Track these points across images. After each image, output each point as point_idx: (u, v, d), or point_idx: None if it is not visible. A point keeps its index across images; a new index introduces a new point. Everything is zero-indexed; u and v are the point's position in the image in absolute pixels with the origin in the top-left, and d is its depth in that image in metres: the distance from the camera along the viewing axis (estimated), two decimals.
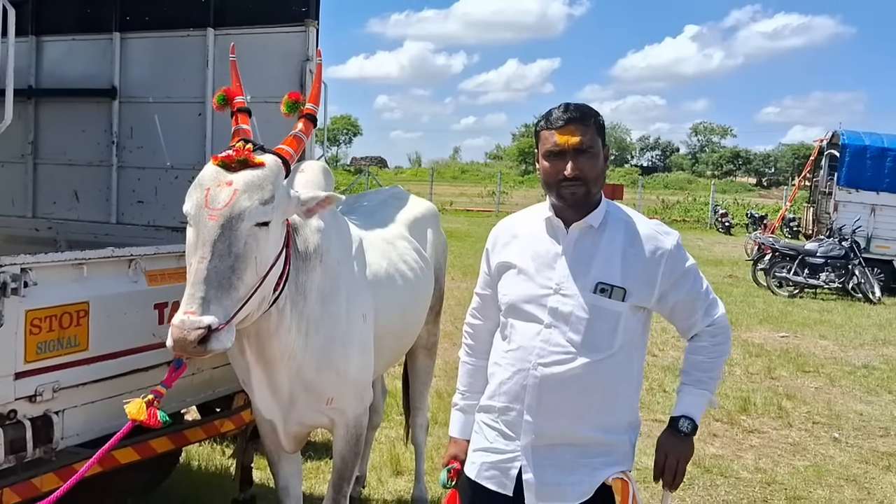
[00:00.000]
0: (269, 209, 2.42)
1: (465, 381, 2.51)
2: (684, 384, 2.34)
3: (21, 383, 2.57)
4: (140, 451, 3.02)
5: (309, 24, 4.00)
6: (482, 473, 2.32)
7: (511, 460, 2.27)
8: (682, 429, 2.27)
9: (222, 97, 2.94)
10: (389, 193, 4.22)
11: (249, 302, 2.42)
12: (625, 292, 2.19)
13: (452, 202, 32.06)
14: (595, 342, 2.19)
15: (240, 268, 2.35)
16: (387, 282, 3.37)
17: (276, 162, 2.56)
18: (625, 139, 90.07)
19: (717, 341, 2.32)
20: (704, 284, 2.32)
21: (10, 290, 2.47)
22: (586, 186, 2.20)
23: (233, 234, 2.35)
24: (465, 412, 2.49)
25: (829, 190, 15.91)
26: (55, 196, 4.95)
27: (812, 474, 5.21)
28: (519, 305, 2.27)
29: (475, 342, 2.49)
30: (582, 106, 2.24)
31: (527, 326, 2.25)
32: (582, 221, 2.24)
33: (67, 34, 4.87)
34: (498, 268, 2.36)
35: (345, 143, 75.91)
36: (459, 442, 2.48)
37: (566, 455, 2.23)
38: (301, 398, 2.96)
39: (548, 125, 2.22)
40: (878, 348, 9.40)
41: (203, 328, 2.23)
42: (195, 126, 4.43)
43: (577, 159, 2.18)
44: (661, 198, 36.38)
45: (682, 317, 2.32)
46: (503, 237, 2.40)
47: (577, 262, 2.23)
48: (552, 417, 2.21)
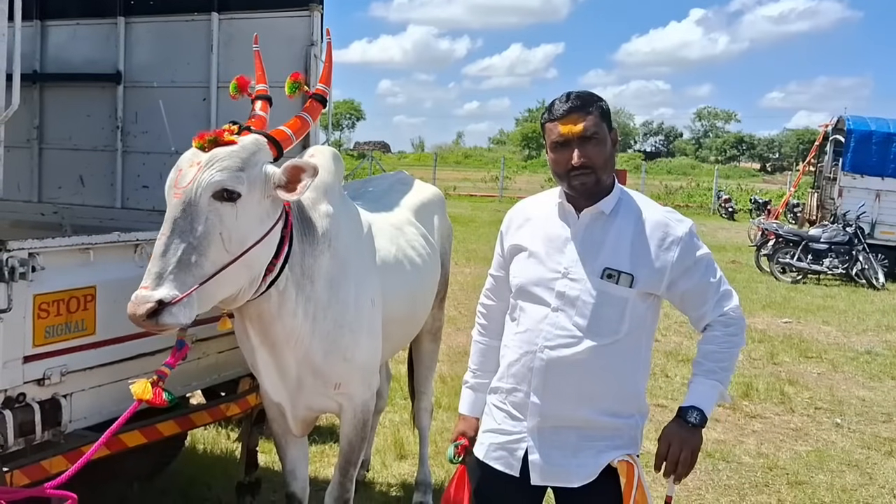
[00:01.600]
0: (229, 182, 2.39)
1: (476, 359, 2.55)
2: (696, 374, 2.31)
3: (29, 367, 2.59)
4: (147, 435, 3.04)
5: (314, 8, 3.98)
6: (490, 454, 2.35)
7: (518, 441, 2.29)
8: (691, 420, 2.22)
9: (235, 85, 2.96)
10: (395, 179, 4.23)
11: (222, 280, 2.40)
12: (632, 279, 2.20)
13: (456, 187, 31.99)
14: (601, 327, 2.20)
15: (202, 244, 2.34)
16: (395, 267, 3.37)
17: (253, 141, 2.56)
18: (628, 124, 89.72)
19: (731, 332, 2.29)
20: (717, 275, 2.31)
21: (19, 274, 2.48)
22: (595, 174, 2.21)
23: (193, 209, 2.35)
24: (475, 390, 2.53)
25: (833, 175, 15.85)
26: (60, 181, 4.95)
27: (814, 459, 5.24)
28: (528, 288, 2.29)
29: (488, 322, 2.53)
30: (584, 93, 2.25)
31: (535, 309, 2.27)
32: (593, 207, 2.26)
33: (72, 19, 4.84)
34: (510, 250, 2.38)
35: (348, 128, 75.78)
36: (468, 419, 2.52)
37: (571, 437, 2.25)
38: (309, 382, 2.97)
39: (551, 117, 2.24)
40: (882, 334, 9.42)
41: (153, 303, 2.24)
42: (200, 111, 4.42)
43: (583, 147, 2.19)
44: (664, 183, 36.25)
45: (692, 306, 2.32)
46: (517, 220, 2.42)
47: (586, 247, 2.24)
48: (558, 400, 2.23)
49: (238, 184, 2.42)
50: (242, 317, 2.78)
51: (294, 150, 3.76)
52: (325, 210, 2.93)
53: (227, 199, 2.40)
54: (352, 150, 57.38)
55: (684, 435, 2.22)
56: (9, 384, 2.53)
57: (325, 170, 3.05)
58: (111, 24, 4.69)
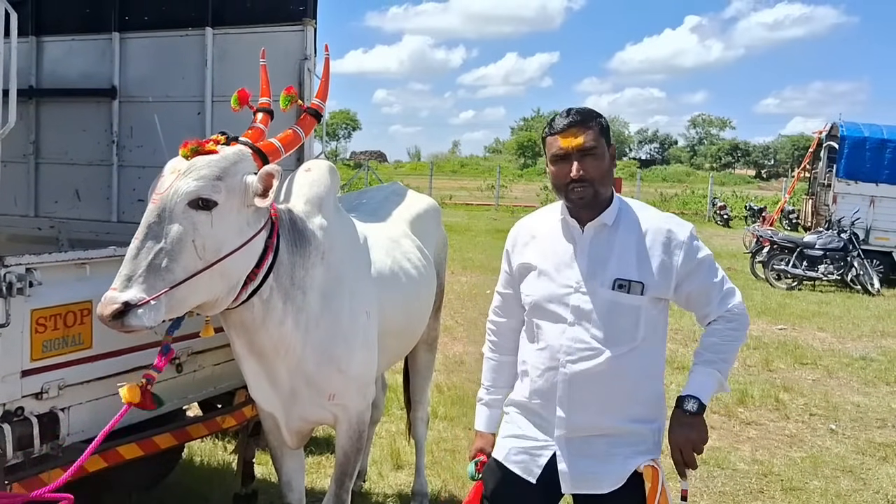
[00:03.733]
0: (204, 190, 2.43)
1: (489, 376, 2.59)
2: (695, 364, 2.38)
3: (27, 381, 2.61)
4: (144, 447, 3.06)
5: (307, 22, 4.03)
6: (510, 457, 2.40)
7: (542, 448, 2.35)
8: (688, 408, 2.28)
9: (236, 98, 3.01)
10: (390, 190, 4.26)
11: (195, 286, 2.43)
12: (643, 286, 2.27)
13: (452, 196, 32.03)
14: (618, 336, 2.28)
15: (174, 250, 2.38)
16: (391, 280, 3.39)
17: (236, 151, 2.60)
18: (623, 132, 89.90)
19: (733, 326, 2.36)
20: (720, 275, 2.37)
21: (16, 289, 2.51)
22: (593, 187, 2.27)
23: (168, 215, 2.41)
24: (489, 406, 2.57)
25: (828, 182, 15.92)
26: (57, 195, 4.97)
27: (809, 465, 5.26)
28: (543, 305, 2.35)
29: (499, 339, 2.57)
30: (583, 109, 2.33)
31: (552, 326, 2.33)
32: (596, 220, 2.32)
33: (67, 34, 4.88)
34: (519, 269, 2.44)
35: (344, 138, 75.88)
36: (485, 435, 2.57)
37: (601, 445, 2.31)
38: (303, 392, 2.99)
39: (552, 131, 2.31)
40: (877, 340, 9.44)
41: (119, 304, 2.28)
42: (195, 125, 4.44)
43: (581, 161, 2.25)
44: (659, 191, 36.31)
45: (697, 306, 2.39)
46: (522, 238, 2.47)
47: (595, 261, 2.30)
48: (583, 411, 2.30)
49: (214, 192, 2.46)
50: (227, 325, 2.81)
51: (287, 162, 3.82)
52: (320, 223, 2.96)
53: (202, 208, 2.44)
54: (348, 160, 57.47)
55: (686, 432, 2.27)
56: (7, 398, 2.56)
57: (320, 183, 3.09)
58: (106, 40, 4.73)
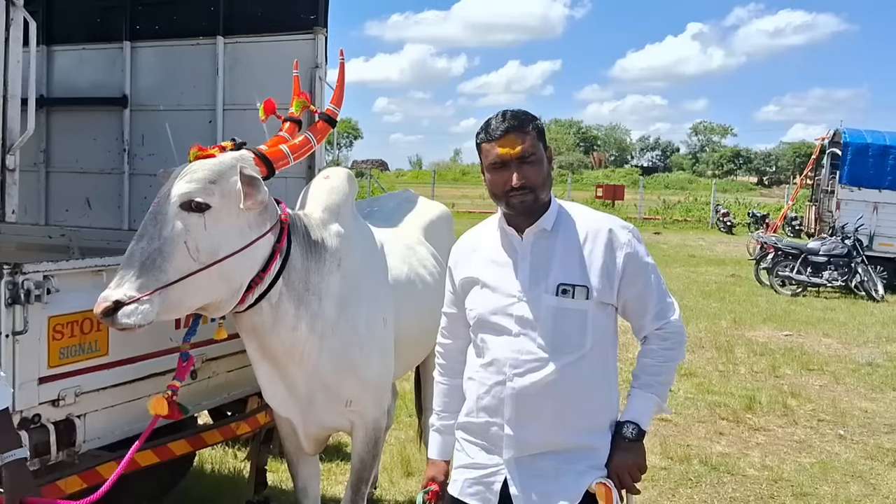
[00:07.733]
0: (196, 193, 2.47)
1: (440, 401, 2.46)
2: (633, 388, 2.28)
3: (44, 388, 2.62)
4: (159, 454, 3.07)
5: (318, 31, 4.05)
6: (465, 490, 2.28)
7: (493, 474, 2.23)
8: (627, 434, 2.21)
9: (262, 109, 3.06)
10: (403, 197, 4.27)
11: (190, 287, 2.45)
12: (587, 290, 2.17)
13: (454, 204, 31.99)
14: (566, 344, 2.17)
15: (166, 250, 2.42)
16: (407, 286, 3.40)
17: (236, 156, 2.63)
18: (625, 140, 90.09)
19: (667, 346, 2.26)
20: (661, 285, 2.27)
21: (34, 296, 2.52)
22: (534, 193, 2.18)
23: (161, 217, 2.45)
24: (441, 433, 2.44)
25: (831, 188, 15.90)
26: (67, 204, 5.00)
27: (818, 471, 5.26)
28: (487, 318, 2.24)
29: (447, 361, 2.45)
30: (519, 113, 2.21)
31: (497, 339, 2.22)
32: (535, 226, 2.23)
33: (78, 44, 4.92)
34: (462, 284, 2.34)
35: (345, 147, 76.11)
36: (437, 463, 2.43)
37: (550, 463, 2.20)
38: (320, 399, 3.00)
39: (488, 137, 2.20)
40: (882, 345, 9.44)
41: (109, 302, 2.33)
42: (206, 133, 4.47)
43: (521, 168, 2.16)
44: (662, 198, 36.37)
45: (633, 316, 2.27)
46: (463, 253, 2.39)
47: (536, 267, 2.21)
48: (533, 427, 2.19)
49: (207, 195, 2.48)
50: (239, 328, 2.83)
51: (299, 169, 3.84)
52: (337, 230, 2.97)
53: (194, 210, 2.47)
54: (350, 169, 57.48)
55: (625, 457, 2.21)
56: (24, 405, 2.57)
57: (338, 191, 3.09)
58: (117, 49, 4.76)
